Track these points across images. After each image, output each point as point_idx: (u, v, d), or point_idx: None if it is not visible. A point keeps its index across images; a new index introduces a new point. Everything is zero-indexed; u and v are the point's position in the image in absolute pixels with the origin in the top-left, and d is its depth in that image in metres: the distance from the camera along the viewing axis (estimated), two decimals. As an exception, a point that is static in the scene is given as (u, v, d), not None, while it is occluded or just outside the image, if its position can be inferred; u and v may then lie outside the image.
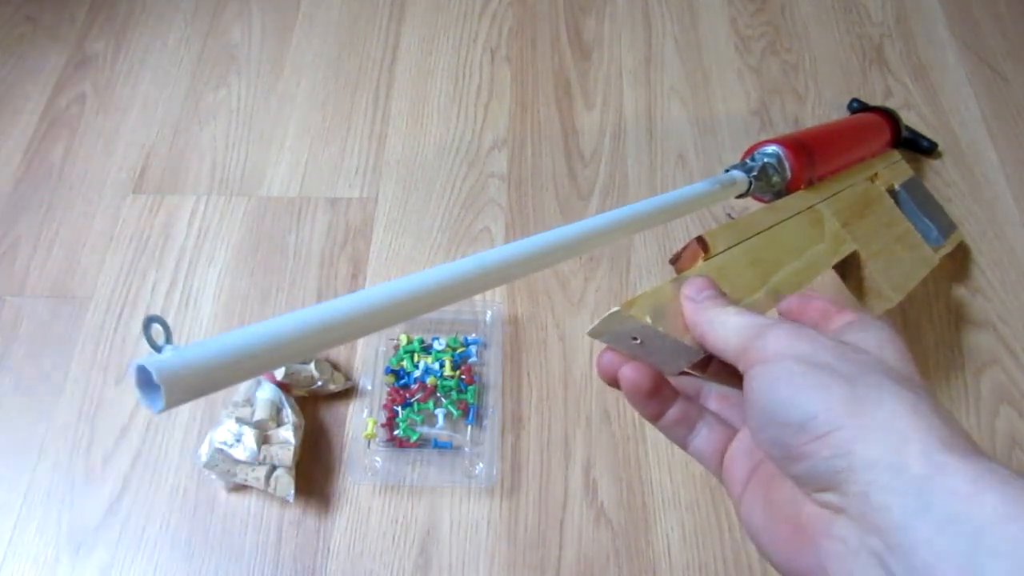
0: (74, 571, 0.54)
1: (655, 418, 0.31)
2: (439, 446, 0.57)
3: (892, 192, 0.60)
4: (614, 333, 0.31)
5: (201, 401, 0.60)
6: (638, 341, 0.30)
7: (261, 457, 0.54)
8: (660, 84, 0.78)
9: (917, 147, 0.72)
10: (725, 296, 0.31)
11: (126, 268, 0.68)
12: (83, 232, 0.70)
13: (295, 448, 0.55)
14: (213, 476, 0.55)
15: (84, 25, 0.84)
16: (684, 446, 0.31)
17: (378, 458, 0.57)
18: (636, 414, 0.60)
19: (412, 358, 0.60)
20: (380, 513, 0.56)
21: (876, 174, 0.59)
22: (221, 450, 0.54)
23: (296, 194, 0.71)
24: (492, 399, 0.59)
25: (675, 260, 0.39)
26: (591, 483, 0.57)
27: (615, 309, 0.31)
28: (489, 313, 0.63)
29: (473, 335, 0.62)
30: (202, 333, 0.64)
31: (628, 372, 0.30)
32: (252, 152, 0.74)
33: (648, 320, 0.30)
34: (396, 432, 0.57)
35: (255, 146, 0.75)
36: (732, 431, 0.30)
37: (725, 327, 0.28)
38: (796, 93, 0.78)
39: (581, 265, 0.67)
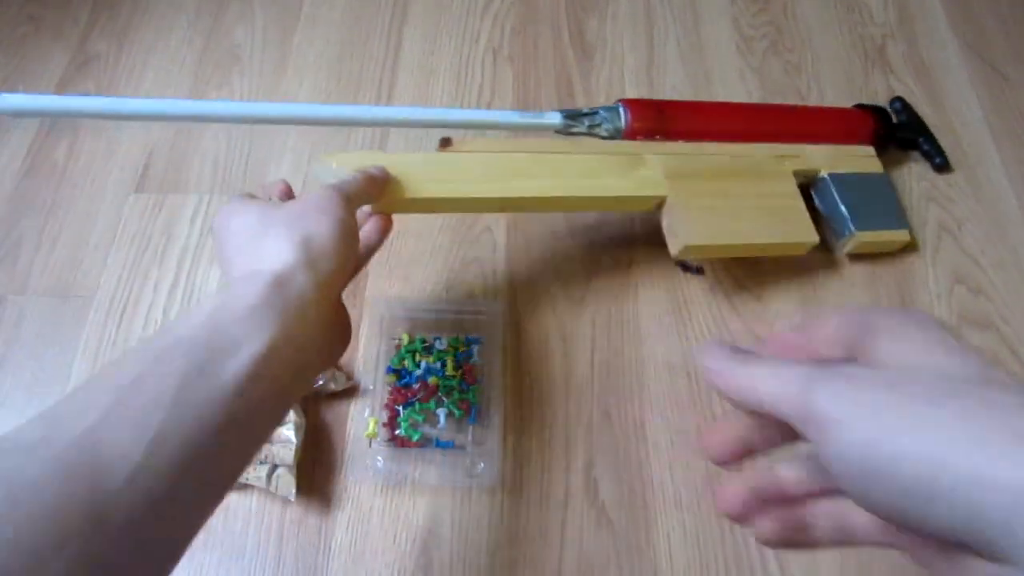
0: (76, 569, 0.55)
1: (815, 546, 0.28)
2: (441, 446, 0.57)
3: (817, 178, 0.66)
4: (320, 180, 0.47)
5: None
6: None
7: (263, 456, 0.55)
8: (662, 84, 0.78)
9: (930, 159, 0.71)
10: (742, 351, 0.28)
11: (128, 267, 0.68)
12: (85, 231, 0.70)
13: (296, 447, 0.55)
14: (215, 475, 0.55)
15: (87, 25, 0.84)
16: (854, 544, 0.28)
17: (380, 457, 0.57)
18: (637, 414, 0.60)
19: (414, 357, 0.60)
20: (382, 512, 0.56)
21: (782, 156, 0.65)
22: (223, 449, 0.54)
23: (298, 194, 0.71)
24: (493, 399, 0.59)
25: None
26: (592, 483, 0.57)
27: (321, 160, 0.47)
28: (491, 313, 0.63)
29: (475, 334, 0.62)
30: (204, 332, 0.64)
31: (761, 526, 0.28)
32: (254, 152, 0.74)
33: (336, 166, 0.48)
34: (398, 431, 0.57)
35: (257, 146, 0.75)
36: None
37: (764, 386, 0.25)
38: (798, 93, 0.78)
39: (583, 265, 0.67)
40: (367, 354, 0.62)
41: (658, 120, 0.63)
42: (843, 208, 0.64)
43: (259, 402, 0.32)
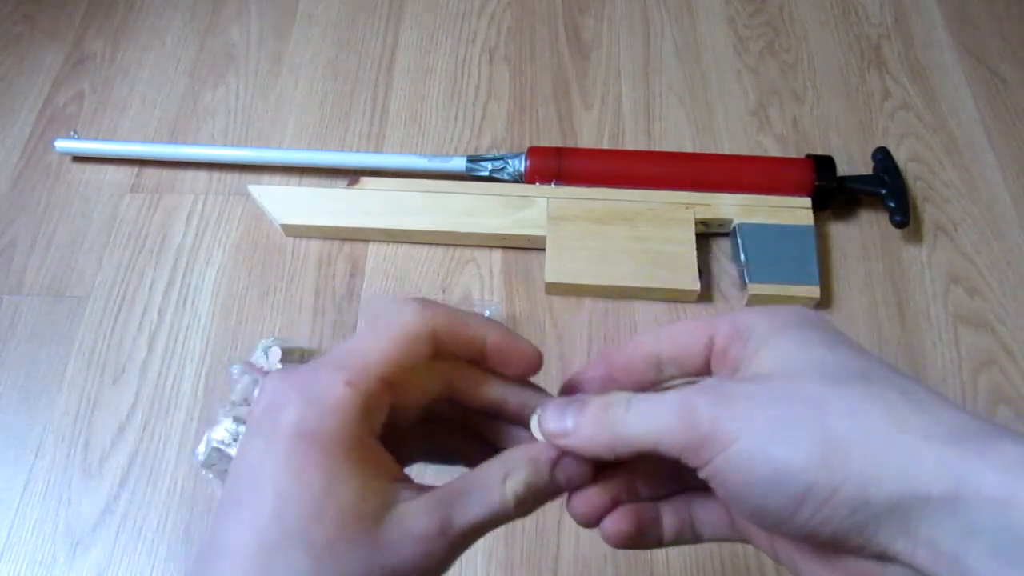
0: (71, 570, 0.54)
1: (658, 544, 0.27)
2: (437, 446, 0.57)
3: (731, 228, 0.66)
4: None
5: (199, 401, 0.60)
6: None
7: (258, 456, 0.54)
8: (658, 84, 0.78)
9: (890, 213, 0.67)
10: (579, 397, 0.25)
11: (124, 267, 0.67)
12: (81, 231, 0.70)
13: (293, 447, 0.55)
14: (210, 475, 0.55)
15: (82, 24, 0.83)
16: (699, 541, 0.27)
17: (376, 458, 0.57)
18: (634, 414, 0.60)
19: (410, 358, 0.60)
20: (377, 513, 0.56)
21: (688, 204, 0.66)
22: (219, 449, 0.54)
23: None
24: (490, 399, 0.59)
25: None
26: (589, 483, 0.57)
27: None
28: (487, 312, 0.63)
29: (471, 335, 0.62)
30: (200, 331, 0.64)
31: (610, 525, 0.26)
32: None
33: None
34: (394, 432, 0.57)
35: (253, 145, 0.75)
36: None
37: (637, 427, 0.23)
38: (794, 93, 0.78)
39: (579, 265, 0.67)
40: (363, 354, 0.61)
41: (556, 166, 0.68)
42: (743, 258, 0.64)
43: None
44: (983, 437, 0.19)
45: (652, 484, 0.27)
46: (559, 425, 0.24)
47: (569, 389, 0.28)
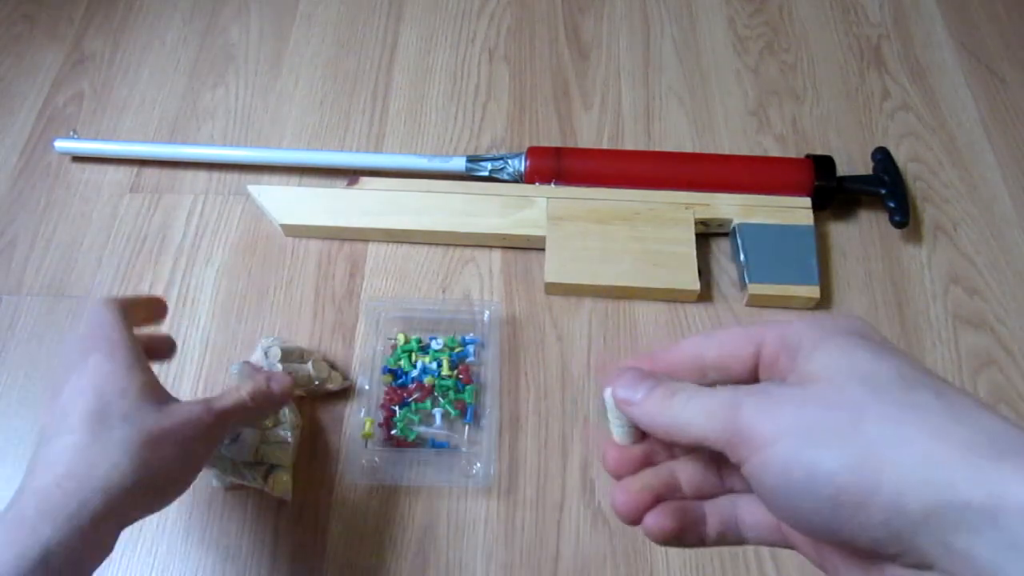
0: (70, 570, 0.54)
1: (701, 543, 0.28)
2: (436, 446, 0.57)
3: (730, 228, 0.66)
4: None
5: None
6: None
7: (259, 457, 0.54)
8: (658, 84, 0.78)
9: (890, 213, 0.67)
10: (658, 378, 0.27)
11: (123, 267, 0.67)
12: (80, 231, 0.70)
13: (293, 448, 0.55)
14: (210, 475, 0.55)
15: (82, 24, 0.83)
16: (742, 543, 0.28)
17: (376, 458, 0.57)
18: (634, 414, 0.60)
19: (410, 358, 0.60)
20: (377, 513, 0.56)
21: (688, 205, 0.66)
22: (218, 449, 0.54)
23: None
24: (490, 399, 0.59)
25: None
26: (588, 483, 0.57)
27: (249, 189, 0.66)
28: (487, 313, 0.63)
29: (471, 335, 0.62)
30: (199, 331, 0.64)
31: (652, 521, 0.27)
32: (250, 151, 0.74)
33: None
34: (393, 432, 0.57)
35: (253, 145, 0.75)
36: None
37: (689, 417, 0.25)
38: (794, 93, 0.78)
39: (579, 265, 0.67)
40: (363, 354, 0.61)
41: (555, 166, 0.68)
42: (743, 258, 0.64)
43: None
44: None
45: (700, 481, 0.28)
46: (630, 394, 0.27)
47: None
